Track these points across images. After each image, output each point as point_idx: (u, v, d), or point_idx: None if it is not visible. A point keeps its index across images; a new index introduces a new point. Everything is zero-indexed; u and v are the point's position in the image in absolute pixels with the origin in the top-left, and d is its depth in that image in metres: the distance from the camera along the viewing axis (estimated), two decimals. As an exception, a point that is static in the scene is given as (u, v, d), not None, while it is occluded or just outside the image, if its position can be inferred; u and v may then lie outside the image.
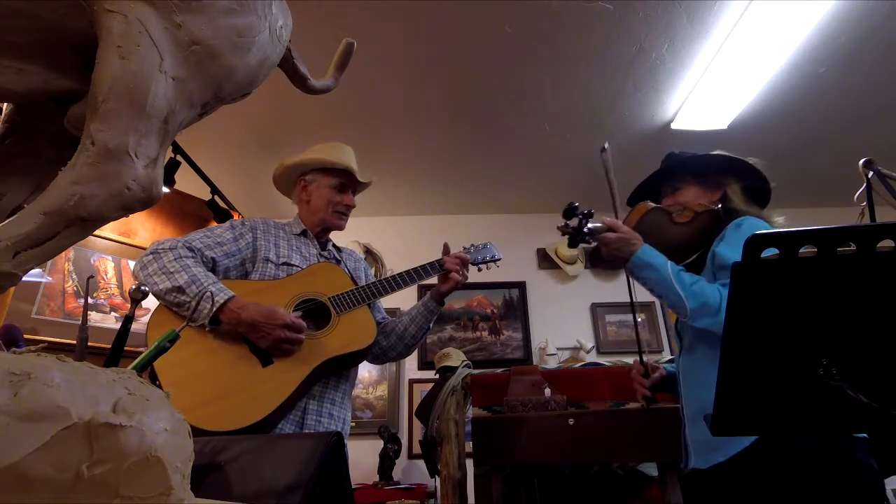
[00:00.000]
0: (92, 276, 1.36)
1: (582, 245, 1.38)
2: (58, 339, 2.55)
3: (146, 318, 3.14)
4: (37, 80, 0.48)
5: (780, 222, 1.33)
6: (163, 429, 0.41)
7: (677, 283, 1.18)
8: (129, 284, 3.00)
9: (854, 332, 0.62)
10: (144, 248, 2.91)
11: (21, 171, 0.52)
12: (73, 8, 0.47)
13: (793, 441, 1.06)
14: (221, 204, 2.96)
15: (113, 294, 2.96)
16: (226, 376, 1.23)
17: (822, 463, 1.02)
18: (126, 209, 0.46)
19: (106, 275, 2.95)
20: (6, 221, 0.42)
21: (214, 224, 2.96)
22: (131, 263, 3.02)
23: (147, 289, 1.27)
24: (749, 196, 1.40)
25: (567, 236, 1.31)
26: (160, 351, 0.49)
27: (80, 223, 0.43)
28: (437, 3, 2.17)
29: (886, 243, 0.55)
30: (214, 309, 1.23)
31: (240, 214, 3.17)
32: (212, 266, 1.40)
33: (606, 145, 1.44)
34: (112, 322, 2.89)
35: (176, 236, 3.06)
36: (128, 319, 0.55)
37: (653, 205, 1.40)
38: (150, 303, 3.18)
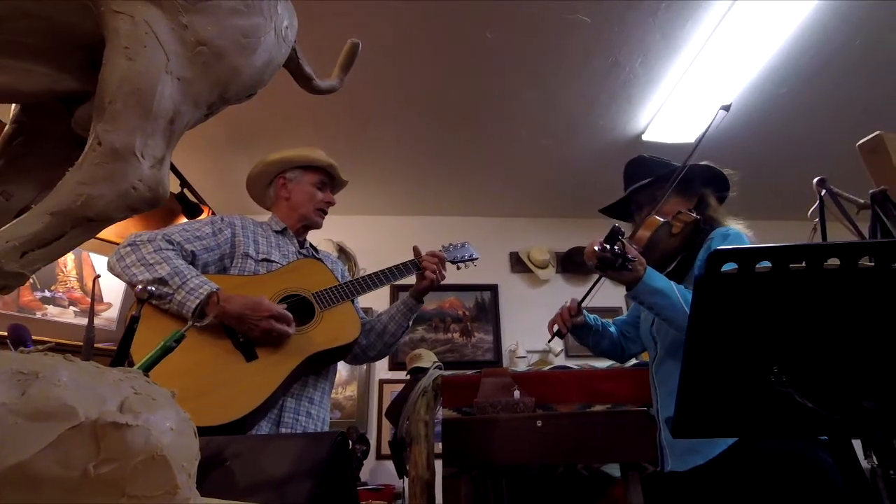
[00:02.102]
0: (99, 276, 1.32)
1: (555, 251, 1.41)
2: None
3: (107, 313, 3.04)
4: (44, 80, 0.48)
5: (750, 234, 1.40)
6: (169, 428, 0.41)
7: (686, 306, 1.19)
8: (90, 278, 2.90)
9: (803, 342, 0.67)
10: (106, 241, 2.83)
11: (29, 171, 0.51)
12: (81, 9, 0.47)
13: (767, 443, 1.12)
14: (191, 197, 2.89)
15: (72, 287, 2.86)
16: (209, 372, 1.21)
17: (791, 463, 1.09)
18: (132, 209, 0.46)
19: (65, 267, 2.85)
20: (14, 222, 0.41)
21: (183, 218, 2.89)
22: (93, 256, 2.92)
23: (128, 279, 1.24)
24: (719, 203, 1.48)
25: (601, 260, 1.23)
26: (166, 351, 0.49)
27: (87, 223, 0.43)
28: (418, 5, 2.18)
29: (833, 261, 0.60)
30: (200, 301, 1.21)
31: (210, 208, 3.11)
32: (191, 260, 1.39)
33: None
34: (71, 316, 2.79)
35: (141, 230, 2.98)
36: (134, 320, 0.54)
37: (661, 220, 1.41)
38: (114, 297, 3.06)
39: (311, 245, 1.72)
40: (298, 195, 1.64)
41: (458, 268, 1.76)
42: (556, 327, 1.54)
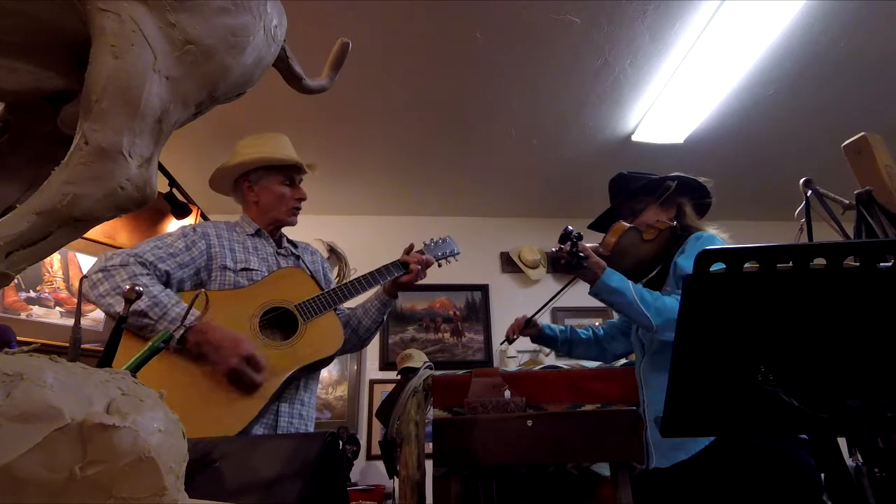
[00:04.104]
0: (86, 277, 1.29)
1: (546, 251, 1.46)
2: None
3: (93, 314, 3.00)
4: (30, 79, 0.47)
5: (725, 237, 1.44)
6: (157, 429, 0.41)
7: (642, 305, 1.26)
8: (76, 278, 2.87)
9: (789, 341, 0.68)
10: (93, 241, 2.80)
11: (14, 170, 0.50)
12: (67, 7, 0.47)
13: (747, 440, 1.15)
14: (179, 197, 2.86)
15: (58, 288, 2.82)
16: (198, 392, 1.21)
17: (770, 460, 1.11)
18: (120, 209, 0.45)
19: (51, 267, 2.81)
20: (-2, 221, 0.41)
21: (172, 218, 2.86)
22: (79, 256, 2.89)
23: (105, 310, 1.22)
24: (697, 210, 1.53)
25: (563, 260, 1.36)
26: (154, 351, 0.48)
27: (74, 223, 0.43)
28: (408, 5, 2.18)
29: (819, 261, 0.61)
30: (183, 330, 1.19)
31: (198, 208, 3.08)
32: (165, 280, 1.35)
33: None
34: (57, 317, 2.75)
35: (128, 228, 2.94)
36: (122, 320, 0.54)
37: (628, 225, 1.47)
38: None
39: (288, 241, 1.67)
40: (267, 197, 1.57)
41: (440, 265, 1.73)
42: (507, 334, 1.72)
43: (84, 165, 0.44)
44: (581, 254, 1.33)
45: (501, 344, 1.78)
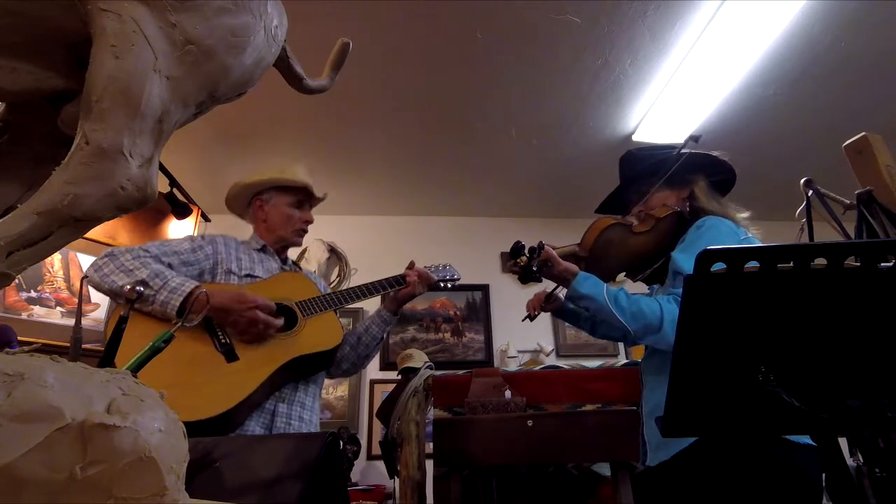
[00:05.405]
0: (86, 276, 1.30)
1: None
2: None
3: (95, 314, 3.01)
4: (30, 79, 0.47)
5: (742, 219, 1.35)
6: (157, 429, 0.41)
7: (615, 310, 1.20)
8: (77, 278, 2.87)
9: (790, 341, 0.67)
10: (94, 241, 2.80)
11: (14, 170, 0.50)
12: (67, 7, 0.47)
13: (729, 440, 1.13)
14: (180, 197, 2.87)
15: (59, 288, 2.83)
16: (189, 371, 1.21)
17: (749, 462, 1.08)
18: (120, 209, 0.45)
19: (52, 267, 2.81)
20: (-1, 221, 0.41)
21: (172, 218, 2.87)
22: (80, 256, 2.89)
23: (107, 286, 1.23)
24: (715, 189, 1.42)
25: (517, 276, 1.32)
26: (155, 351, 0.49)
27: (74, 223, 0.43)
28: (409, 5, 2.18)
29: (820, 261, 0.61)
30: (183, 298, 1.20)
31: (198, 208, 3.08)
32: None
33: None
34: (57, 317, 2.76)
35: (128, 228, 2.95)
36: (122, 320, 0.54)
37: (611, 220, 1.39)
38: (101, 297, 3.02)
39: (293, 262, 1.74)
40: (275, 217, 1.63)
41: (441, 286, 1.78)
42: (529, 309, 1.62)
43: (84, 165, 0.44)
44: (535, 268, 1.26)
45: (523, 320, 1.68)
